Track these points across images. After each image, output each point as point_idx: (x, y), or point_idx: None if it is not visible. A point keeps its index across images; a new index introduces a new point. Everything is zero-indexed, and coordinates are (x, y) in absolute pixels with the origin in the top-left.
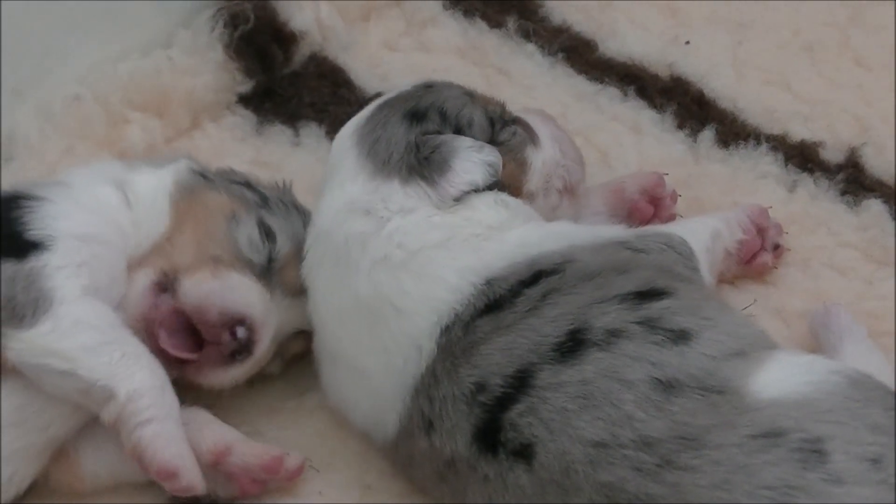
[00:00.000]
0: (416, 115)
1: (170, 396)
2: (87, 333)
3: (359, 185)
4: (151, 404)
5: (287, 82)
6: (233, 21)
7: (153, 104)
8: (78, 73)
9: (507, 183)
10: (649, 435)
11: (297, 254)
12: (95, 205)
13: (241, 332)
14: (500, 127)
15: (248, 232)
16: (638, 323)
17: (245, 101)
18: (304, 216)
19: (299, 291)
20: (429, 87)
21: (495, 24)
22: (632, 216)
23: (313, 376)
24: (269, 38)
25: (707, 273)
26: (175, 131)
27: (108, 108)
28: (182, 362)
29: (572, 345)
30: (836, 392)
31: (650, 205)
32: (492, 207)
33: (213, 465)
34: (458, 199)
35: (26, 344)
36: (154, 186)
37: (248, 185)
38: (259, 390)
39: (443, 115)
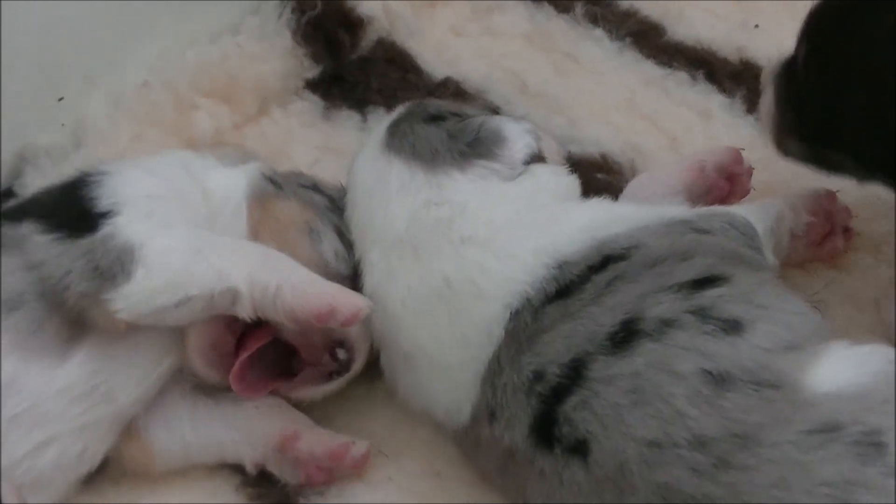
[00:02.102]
0: (435, 118)
1: (280, 258)
2: (177, 256)
3: (420, 186)
4: (270, 274)
5: (354, 68)
6: (300, 7)
7: (221, 91)
8: (147, 60)
9: None
10: (703, 434)
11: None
12: (165, 175)
13: (341, 353)
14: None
15: (332, 244)
16: (691, 312)
17: (313, 86)
18: None
19: None
20: (421, 103)
21: (563, 8)
22: (709, 194)
23: None
24: (336, 24)
25: (770, 254)
26: (243, 117)
27: (177, 94)
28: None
29: (625, 335)
30: (889, 384)
31: (728, 182)
32: (553, 175)
33: (281, 450)
34: (524, 166)
35: (132, 298)
36: (229, 187)
37: (315, 188)
38: None
39: (455, 114)
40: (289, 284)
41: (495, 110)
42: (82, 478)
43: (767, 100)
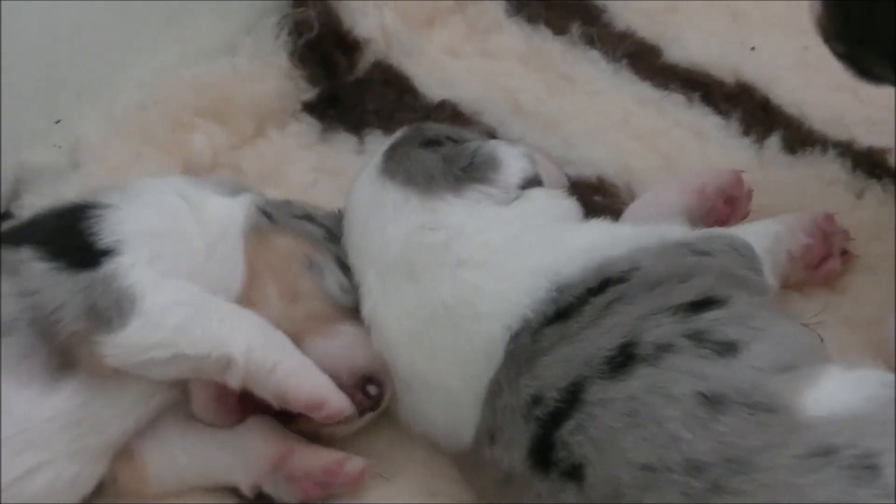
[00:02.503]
0: (430, 142)
1: (279, 336)
2: (177, 313)
3: (414, 210)
4: (268, 350)
5: (351, 89)
6: (297, 28)
7: (217, 111)
8: (143, 80)
9: None
10: (697, 458)
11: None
12: (165, 208)
13: (373, 389)
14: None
15: (336, 278)
16: (686, 336)
17: (309, 108)
18: None
19: None
20: (418, 127)
21: (559, 30)
22: (709, 217)
23: None
24: (333, 46)
25: (771, 275)
26: (239, 138)
27: (173, 114)
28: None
29: (622, 359)
30: (889, 404)
31: (727, 205)
32: (549, 198)
33: (275, 470)
34: (519, 189)
35: (123, 346)
36: (226, 217)
37: (309, 218)
38: None
39: (451, 139)
40: (286, 365)
41: (492, 134)
42: (77, 502)
43: (816, 4)
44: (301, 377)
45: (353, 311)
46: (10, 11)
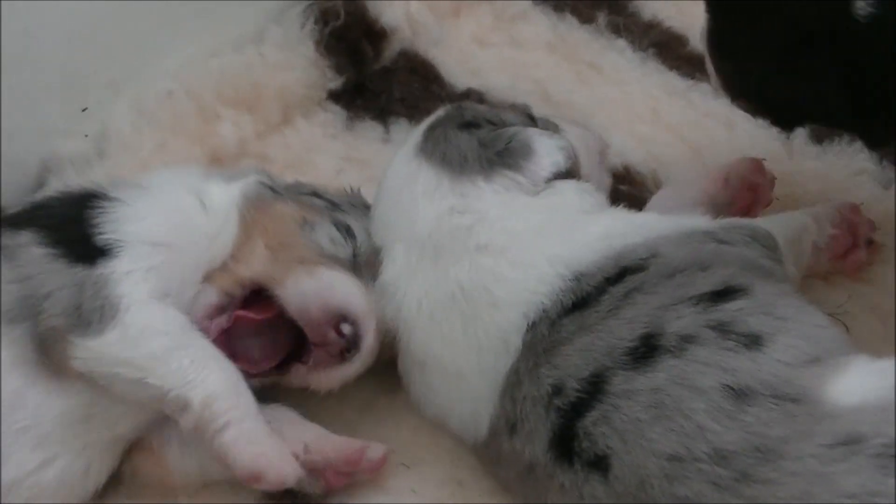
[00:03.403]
0: (469, 125)
1: (245, 396)
2: (155, 340)
3: (445, 192)
4: (228, 407)
5: (377, 78)
6: (323, 17)
7: (244, 100)
8: (170, 69)
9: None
10: (724, 448)
11: (376, 250)
12: (171, 209)
13: (346, 328)
14: (536, 123)
15: (327, 231)
16: (710, 327)
17: (336, 97)
18: None
19: None
20: (459, 106)
21: (586, 19)
22: (733, 205)
23: None
24: (359, 34)
25: (792, 266)
26: (266, 127)
27: (200, 103)
28: (280, 368)
29: (645, 350)
30: None
31: (750, 192)
32: (577, 193)
33: (297, 460)
34: (547, 182)
35: (94, 354)
36: (225, 200)
37: (315, 193)
38: (351, 387)
39: (490, 122)
40: (235, 430)
41: (533, 118)
42: (89, 494)
43: (709, 65)
44: (246, 446)
45: (341, 261)
46: (39, 2)
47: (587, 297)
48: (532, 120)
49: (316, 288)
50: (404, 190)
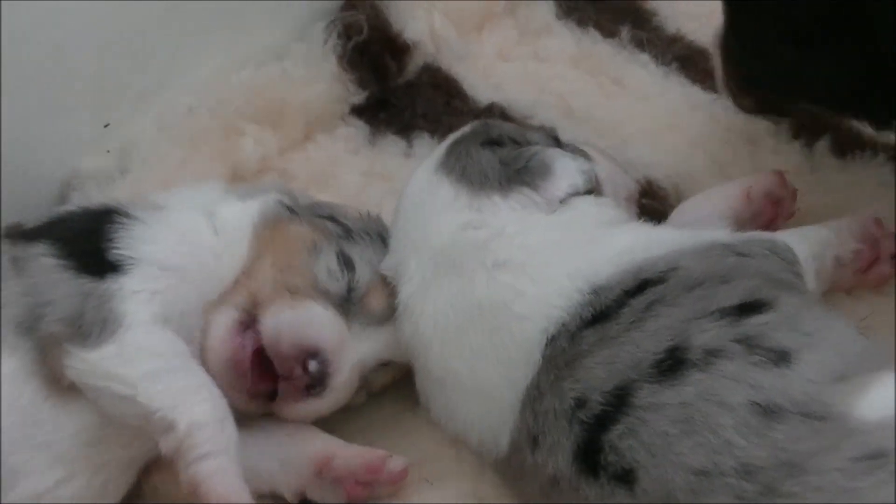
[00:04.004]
0: (492, 142)
1: (229, 430)
2: (151, 361)
3: (461, 208)
4: (210, 438)
5: (400, 93)
6: (346, 32)
7: (267, 116)
8: (192, 85)
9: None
10: (751, 463)
11: (381, 283)
12: (184, 233)
13: (312, 365)
14: (562, 147)
15: (326, 262)
16: (737, 341)
17: (358, 112)
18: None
19: (384, 318)
20: (485, 123)
21: (609, 33)
22: (756, 220)
23: None
24: (382, 49)
25: (812, 280)
26: (289, 143)
27: (223, 119)
28: (268, 398)
29: (672, 363)
30: None
31: (773, 206)
32: (596, 209)
33: (318, 474)
34: (563, 202)
35: (88, 365)
36: (239, 217)
37: (332, 217)
38: (372, 403)
39: (514, 140)
40: (214, 462)
41: (557, 138)
42: None
43: (717, 65)
44: (220, 481)
45: (330, 296)
46: (63, 18)
47: (607, 309)
48: (557, 143)
49: (292, 320)
50: (423, 204)
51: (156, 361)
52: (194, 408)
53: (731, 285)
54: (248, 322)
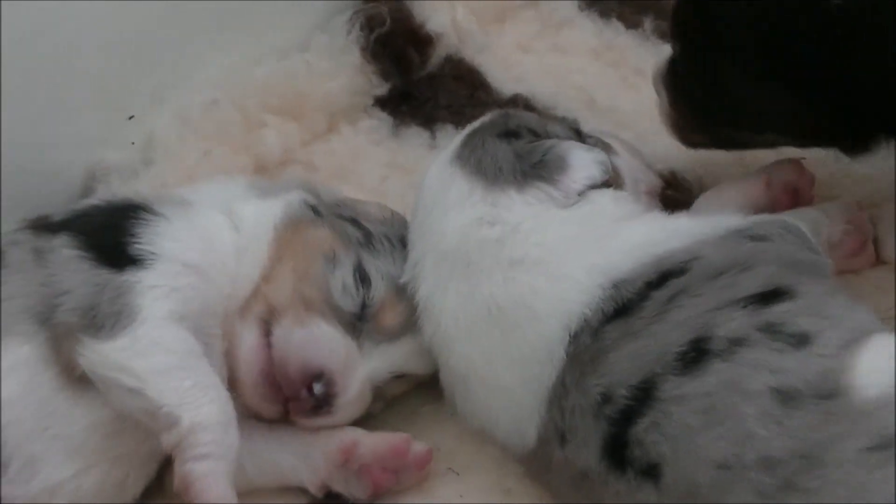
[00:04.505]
0: (509, 134)
1: (232, 435)
2: (162, 356)
3: (476, 202)
4: (212, 440)
5: (423, 85)
6: (369, 24)
7: (289, 108)
8: (215, 78)
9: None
10: (771, 455)
11: (398, 294)
12: (206, 232)
13: (318, 388)
14: (583, 139)
15: (342, 276)
16: (760, 329)
17: (381, 103)
18: None
19: (397, 334)
20: (505, 113)
21: (631, 24)
22: (774, 208)
23: None
24: (405, 41)
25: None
26: (311, 135)
27: (245, 112)
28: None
29: (695, 355)
30: None
31: (792, 195)
32: (613, 202)
33: (343, 464)
34: (580, 195)
35: (100, 356)
36: (261, 217)
37: (354, 221)
38: (397, 396)
39: (532, 132)
40: (212, 463)
41: (578, 130)
42: (129, 500)
43: (663, 101)
44: (213, 483)
45: (342, 314)
46: (84, 10)
47: (629, 303)
48: (578, 135)
49: (301, 341)
50: (438, 198)
51: (168, 357)
52: (201, 408)
53: (752, 272)
54: (268, 331)
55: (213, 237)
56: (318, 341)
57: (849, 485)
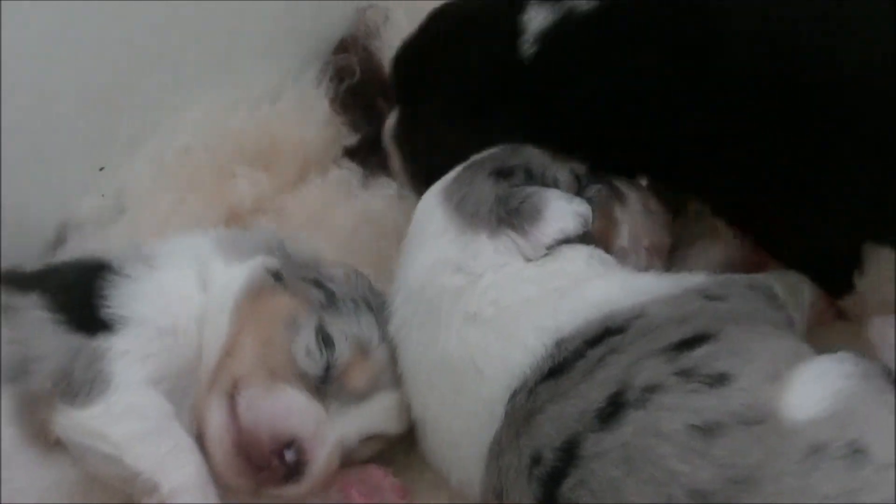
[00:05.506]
0: (502, 172)
1: (211, 496)
2: (137, 422)
3: (447, 242)
4: (193, 502)
5: None
6: (339, 75)
7: (261, 157)
8: (187, 127)
9: (598, 238)
10: (700, 488)
11: (363, 354)
12: (176, 292)
13: (289, 455)
14: (586, 184)
15: (304, 341)
16: (674, 374)
17: (351, 154)
18: (379, 301)
19: (365, 395)
20: (514, 148)
21: None
22: (749, 268)
23: None
24: (374, 92)
25: (796, 313)
26: (283, 184)
27: (218, 160)
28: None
29: (612, 409)
30: (853, 394)
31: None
32: (584, 260)
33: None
34: (549, 249)
35: (75, 422)
36: (224, 289)
37: (317, 282)
38: None
39: (528, 173)
40: None
41: (582, 177)
42: None
43: (394, 160)
44: None
45: (308, 379)
46: (59, 60)
47: (564, 362)
48: (579, 181)
49: (268, 409)
50: (418, 230)
51: (143, 423)
52: (179, 471)
53: (682, 325)
54: (235, 407)
55: (181, 300)
56: (285, 408)
57: (792, 493)
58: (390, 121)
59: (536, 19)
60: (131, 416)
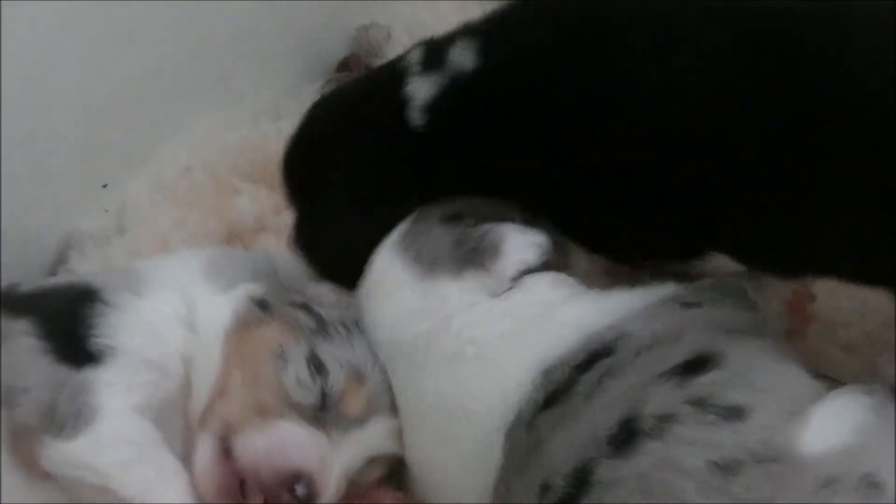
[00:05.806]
0: (453, 217)
1: None
2: (124, 450)
3: (411, 292)
4: None
5: None
6: None
7: (262, 175)
8: (189, 145)
9: (556, 265)
10: None
11: (357, 378)
12: (161, 325)
13: (300, 489)
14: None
15: (295, 371)
16: (689, 403)
17: None
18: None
19: (364, 419)
20: (455, 199)
21: None
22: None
23: None
24: None
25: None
26: (284, 201)
27: (218, 178)
28: None
29: (625, 436)
30: (868, 429)
31: None
32: (549, 286)
33: None
34: (514, 281)
35: (61, 455)
36: (213, 322)
37: (305, 307)
38: None
39: (479, 216)
40: None
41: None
42: None
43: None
44: None
45: (303, 409)
46: (60, 78)
47: (558, 390)
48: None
49: (267, 447)
50: (375, 287)
51: (129, 450)
52: (167, 493)
53: (677, 344)
54: (228, 450)
55: (166, 334)
56: (286, 443)
57: None
58: (291, 225)
59: (422, 89)
60: (118, 444)
